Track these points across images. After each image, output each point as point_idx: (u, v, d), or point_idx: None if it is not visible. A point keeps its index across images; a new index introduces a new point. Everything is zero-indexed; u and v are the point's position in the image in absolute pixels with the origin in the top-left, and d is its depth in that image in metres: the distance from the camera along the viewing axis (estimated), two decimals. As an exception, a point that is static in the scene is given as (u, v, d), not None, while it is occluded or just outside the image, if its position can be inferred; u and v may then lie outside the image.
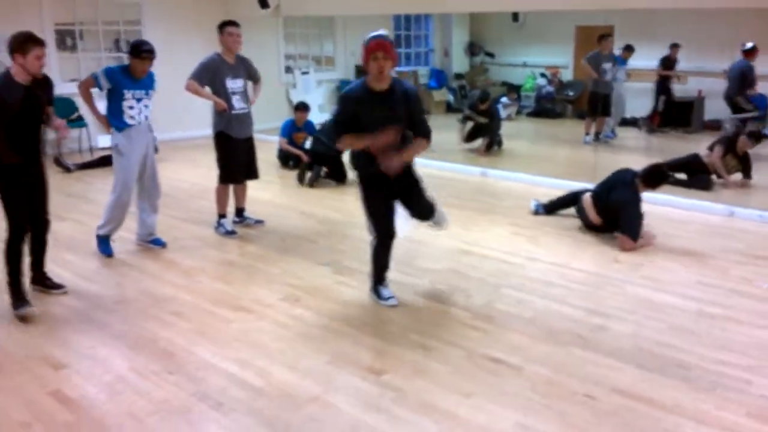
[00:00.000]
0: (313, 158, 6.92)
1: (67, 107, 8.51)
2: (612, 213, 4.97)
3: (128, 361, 3.15)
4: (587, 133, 9.63)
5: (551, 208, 5.80)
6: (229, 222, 5.31)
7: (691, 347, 3.34)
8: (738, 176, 6.85)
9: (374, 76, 3.44)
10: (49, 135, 8.21)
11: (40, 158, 3.86)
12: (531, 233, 5.28)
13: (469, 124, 8.96)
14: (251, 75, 5.23)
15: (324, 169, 6.88)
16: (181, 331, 3.48)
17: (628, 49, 10.26)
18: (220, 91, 4.93)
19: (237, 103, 4.99)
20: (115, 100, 4.50)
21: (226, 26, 4.96)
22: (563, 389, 2.93)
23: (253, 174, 5.33)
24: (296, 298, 3.93)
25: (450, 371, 3.08)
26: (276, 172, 7.55)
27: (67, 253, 4.73)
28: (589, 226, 5.25)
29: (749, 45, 8.52)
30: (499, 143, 9.04)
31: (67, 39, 9.18)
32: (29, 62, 3.52)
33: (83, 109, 8.62)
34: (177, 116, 8.96)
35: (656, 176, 4.99)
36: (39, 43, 3.55)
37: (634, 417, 2.71)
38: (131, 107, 4.53)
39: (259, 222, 5.50)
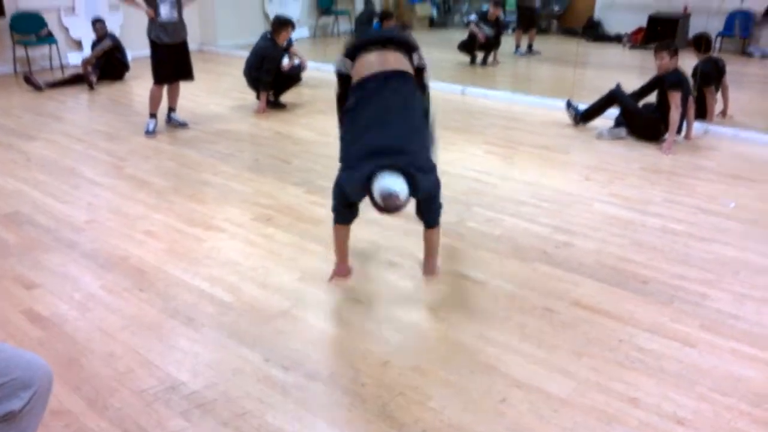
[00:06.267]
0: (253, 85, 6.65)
1: (35, 23, 8.22)
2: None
3: (99, 279, 3.19)
4: (518, 46, 10.01)
5: (587, 116, 5.99)
6: (153, 123, 5.72)
7: (652, 262, 3.43)
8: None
9: None
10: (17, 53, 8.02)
11: None
12: (506, 152, 5.30)
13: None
14: None
15: (270, 95, 6.64)
16: (153, 249, 3.52)
17: None
18: (149, 1, 5.38)
19: (165, 11, 5.41)
20: None
21: None
22: (524, 303, 3.02)
23: (184, 75, 5.77)
24: (268, 218, 3.96)
25: (415, 286, 3.16)
26: (253, 92, 7.41)
27: (39, 173, 4.69)
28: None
29: None
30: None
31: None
32: None
33: (52, 24, 8.37)
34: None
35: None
36: None
37: (590, 328, 2.82)
38: None
39: (183, 124, 5.93)
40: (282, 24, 6.43)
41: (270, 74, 6.40)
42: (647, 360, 2.61)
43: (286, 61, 6.75)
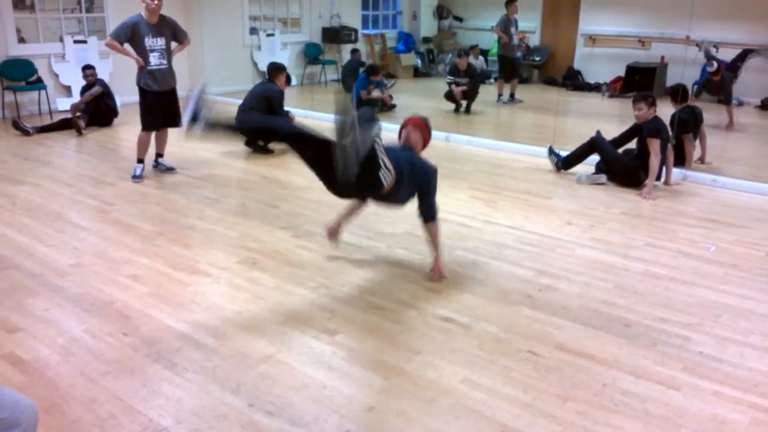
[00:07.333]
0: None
1: (25, 69, 8.30)
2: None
3: (83, 324, 3.17)
4: (500, 95, 10.18)
5: (568, 163, 6.06)
6: (141, 168, 5.75)
7: (634, 306, 3.47)
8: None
9: None
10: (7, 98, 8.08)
11: None
12: (489, 197, 5.38)
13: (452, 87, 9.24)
14: (176, 36, 5.68)
15: (260, 144, 6.78)
16: (138, 294, 3.51)
17: None
18: (139, 48, 5.43)
19: (154, 59, 5.48)
20: None
21: None
22: (509, 346, 3.03)
23: (173, 122, 5.76)
24: (254, 261, 3.97)
25: (401, 330, 3.17)
26: (240, 137, 7.48)
27: (25, 217, 4.68)
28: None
29: None
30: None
31: (25, -1, 8.91)
32: None
33: (42, 70, 8.45)
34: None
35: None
36: None
37: (574, 371, 2.83)
38: None
39: (170, 169, 5.97)
40: (278, 68, 6.77)
41: (281, 110, 6.64)
42: (632, 403, 2.61)
43: None
